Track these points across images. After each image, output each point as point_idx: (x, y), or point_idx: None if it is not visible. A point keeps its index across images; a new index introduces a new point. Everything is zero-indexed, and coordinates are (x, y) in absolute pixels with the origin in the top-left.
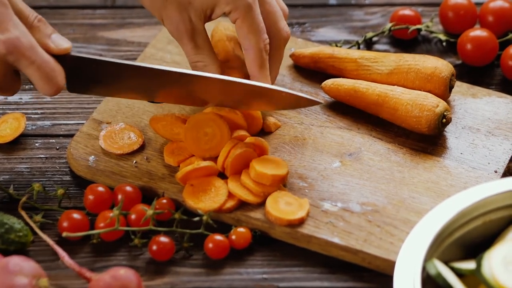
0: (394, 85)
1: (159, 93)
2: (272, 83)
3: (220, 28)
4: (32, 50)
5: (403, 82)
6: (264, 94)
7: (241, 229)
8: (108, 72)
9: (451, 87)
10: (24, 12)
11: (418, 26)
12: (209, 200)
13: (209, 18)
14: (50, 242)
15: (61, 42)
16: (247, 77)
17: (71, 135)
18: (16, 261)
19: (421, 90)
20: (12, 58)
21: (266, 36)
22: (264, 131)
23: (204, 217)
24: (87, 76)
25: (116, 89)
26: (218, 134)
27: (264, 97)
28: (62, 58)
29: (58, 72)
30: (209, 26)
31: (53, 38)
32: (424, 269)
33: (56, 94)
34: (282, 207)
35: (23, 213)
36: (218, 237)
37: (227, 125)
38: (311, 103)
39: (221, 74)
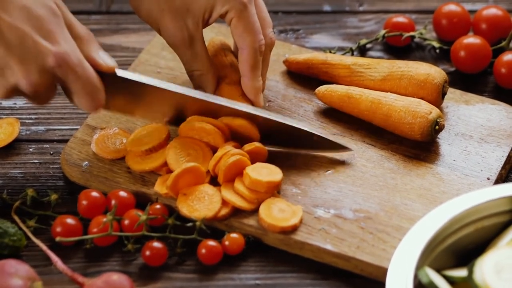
0: (387, 91)
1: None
2: (262, 90)
3: (217, 43)
4: (80, 65)
5: (396, 89)
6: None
7: (234, 235)
8: (147, 94)
9: (443, 94)
10: (74, 26)
11: (412, 33)
12: (204, 208)
13: (206, 23)
14: (43, 247)
15: (108, 60)
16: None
17: (65, 141)
18: (12, 263)
19: (413, 97)
20: (60, 71)
21: (261, 36)
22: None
23: (198, 223)
24: (124, 96)
25: (148, 112)
26: (200, 158)
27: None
28: (103, 76)
29: (101, 89)
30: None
31: (101, 55)
32: (416, 276)
33: (97, 112)
34: (276, 214)
35: (16, 218)
36: (211, 242)
37: (211, 154)
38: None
39: (217, 82)
